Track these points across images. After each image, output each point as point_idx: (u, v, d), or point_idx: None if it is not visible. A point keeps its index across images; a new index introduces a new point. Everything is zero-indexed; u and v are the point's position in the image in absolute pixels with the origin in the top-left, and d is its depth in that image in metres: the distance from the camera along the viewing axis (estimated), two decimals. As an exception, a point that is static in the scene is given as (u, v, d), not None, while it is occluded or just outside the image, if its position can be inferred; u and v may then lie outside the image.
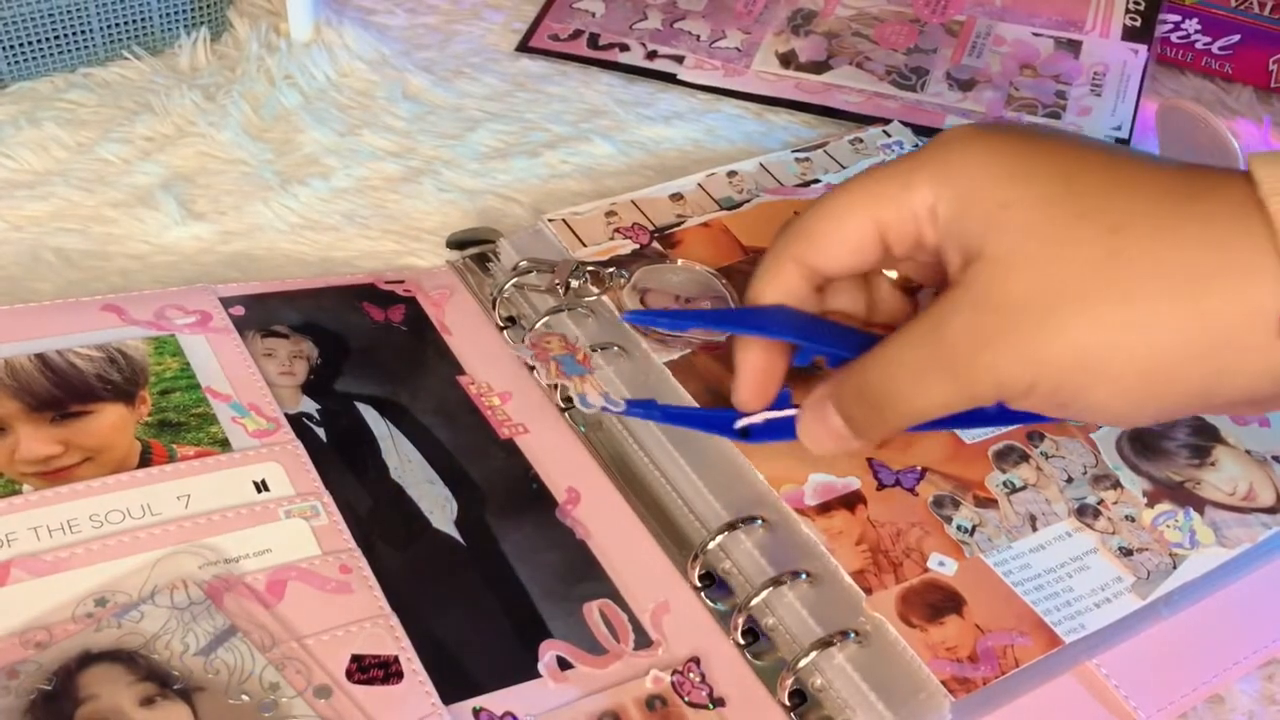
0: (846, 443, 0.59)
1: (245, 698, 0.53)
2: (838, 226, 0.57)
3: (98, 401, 0.66)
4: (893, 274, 0.61)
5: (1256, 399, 0.51)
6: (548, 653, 0.60)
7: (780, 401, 0.62)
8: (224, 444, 0.65)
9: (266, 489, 0.63)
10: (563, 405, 0.73)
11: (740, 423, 0.62)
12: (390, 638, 0.58)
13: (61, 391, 0.65)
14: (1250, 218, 0.49)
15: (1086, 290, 0.50)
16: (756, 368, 0.61)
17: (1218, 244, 0.49)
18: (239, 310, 0.74)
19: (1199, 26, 1.08)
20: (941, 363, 0.53)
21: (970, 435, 0.70)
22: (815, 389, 0.59)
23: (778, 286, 0.59)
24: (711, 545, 0.65)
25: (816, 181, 0.87)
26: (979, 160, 0.54)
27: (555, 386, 0.69)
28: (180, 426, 0.65)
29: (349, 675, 0.56)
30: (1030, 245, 0.52)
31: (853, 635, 0.60)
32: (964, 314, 0.53)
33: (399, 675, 0.57)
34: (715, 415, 0.63)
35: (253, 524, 0.61)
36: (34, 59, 0.95)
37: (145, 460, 0.63)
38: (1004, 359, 0.52)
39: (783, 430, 0.61)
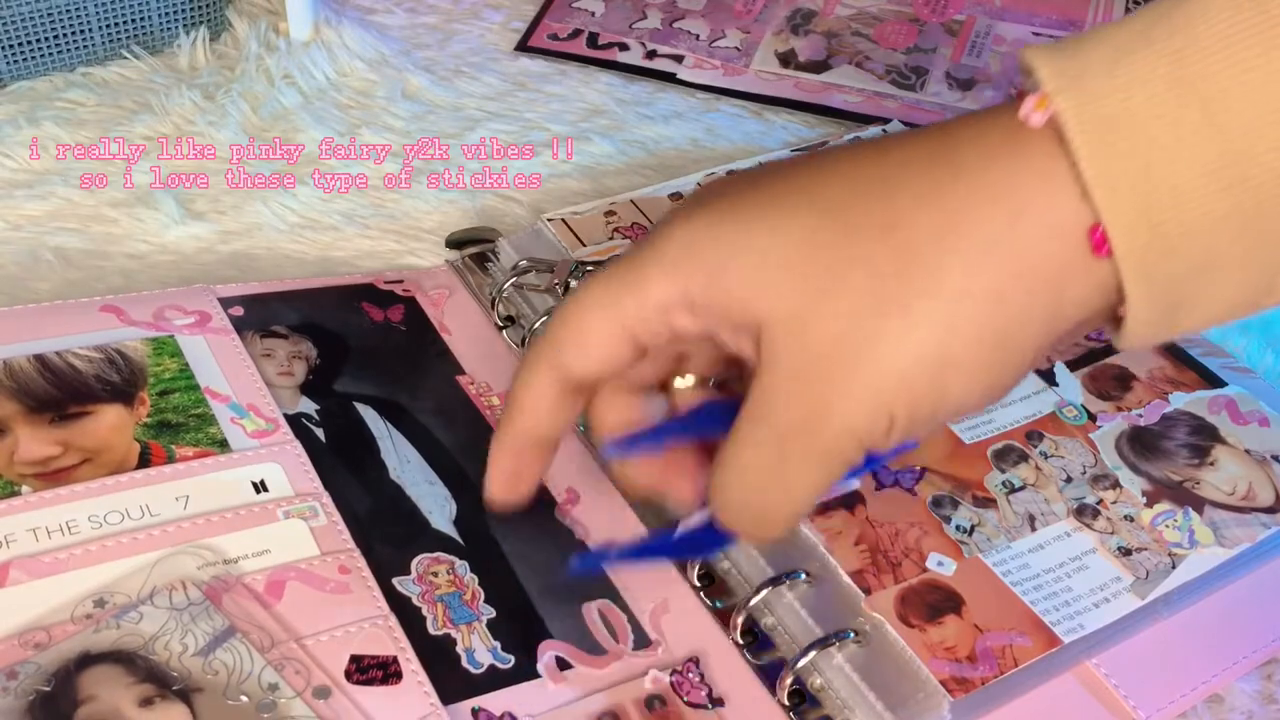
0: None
1: (244, 698, 0.53)
2: (579, 332, 0.53)
3: (97, 402, 0.66)
4: (687, 381, 0.57)
5: (1090, 317, 0.48)
6: (547, 653, 0.60)
7: None
8: (223, 445, 0.65)
9: (265, 489, 0.63)
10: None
11: (681, 528, 0.60)
12: (389, 638, 0.58)
13: (60, 392, 0.65)
14: (1027, 136, 0.46)
15: (890, 301, 0.47)
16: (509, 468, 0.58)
17: (1002, 188, 0.46)
18: (238, 310, 0.74)
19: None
20: (792, 450, 0.49)
21: (969, 435, 0.70)
22: None
23: (535, 393, 0.55)
24: (710, 545, 0.65)
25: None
26: (705, 228, 0.50)
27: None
28: (179, 427, 0.65)
29: (348, 676, 0.56)
30: (810, 286, 0.48)
31: (852, 635, 0.60)
32: (783, 390, 0.49)
33: (398, 676, 0.57)
34: (654, 544, 0.61)
35: (251, 525, 0.61)
36: (33, 58, 0.95)
37: (144, 461, 0.63)
38: (849, 412, 0.48)
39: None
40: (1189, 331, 0.47)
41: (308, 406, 0.70)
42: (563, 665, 0.60)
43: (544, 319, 0.75)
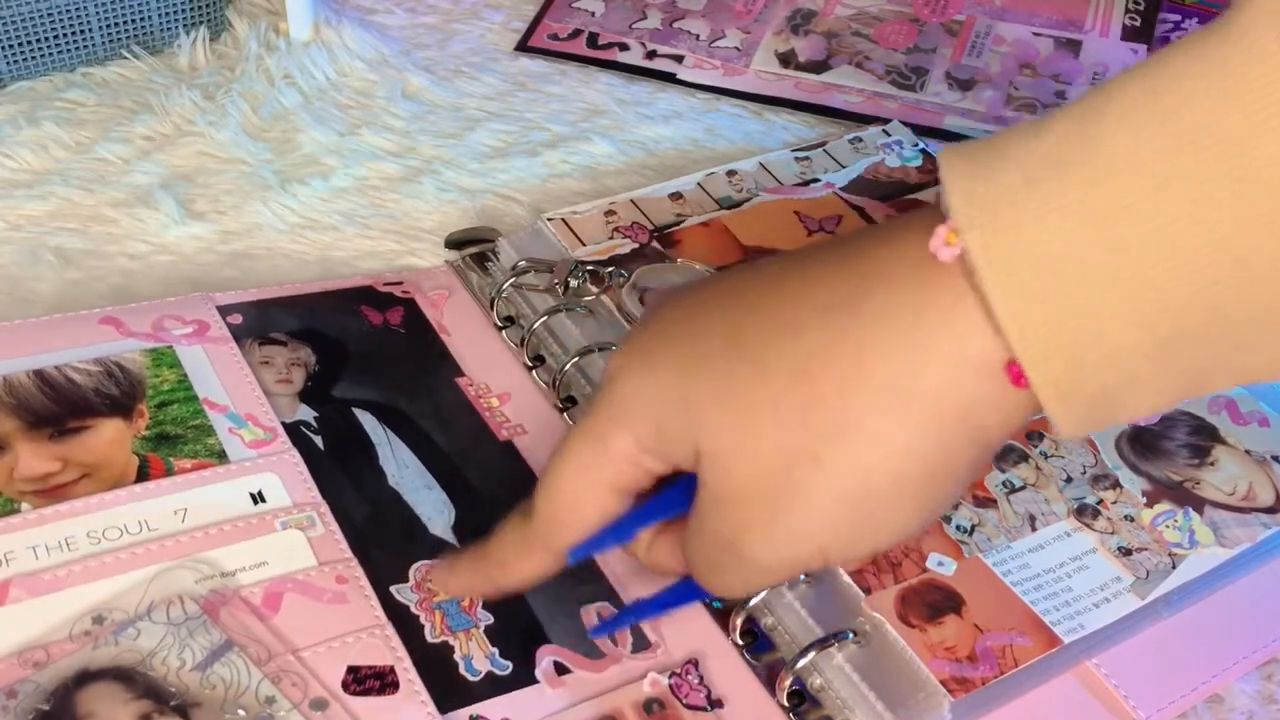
0: None
1: (241, 712, 0.53)
2: (572, 509, 0.55)
3: (96, 416, 0.66)
4: None
5: (1016, 430, 0.49)
6: (545, 658, 0.60)
7: None
8: (221, 455, 0.65)
9: (263, 500, 0.63)
10: (561, 406, 0.73)
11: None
12: (386, 648, 0.58)
13: (59, 407, 0.65)
14: (935, 270, 0.46)
15: (800, 449, 0.48)
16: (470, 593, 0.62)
17: (908, 328, 0.47)
18: (236, 319, 0.74)
19: (1199, 26, 1.08)
20: (720, 560, 0.53)
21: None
22: None
23: (533, 572, 0.58)
24: (710, 548, 0.65)
25: (816, 180, 0.87)
26: (644, 376, 0.53)
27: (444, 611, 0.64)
28: (178, 439, 0.65)
29: (345, 687, 0.56)
30: (730, 428, 0.50)
31: (851, 635, 0.61)
32: (711, 514, 0.52)
33: (395, 685, 0.57)
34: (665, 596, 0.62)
35: (249, 536, 0.61)
36: (33, 58, 0.95)
37: (143, 474, 0.63)
38: (768, 548, 0.51)
39: None
40: (1120, 424, 0.47)
41: (306, 414, 0.70)
42: (561, 670, 0.60)
43: (543, 320, 0.75)
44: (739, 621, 0.62)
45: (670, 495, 0.56)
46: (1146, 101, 0.42)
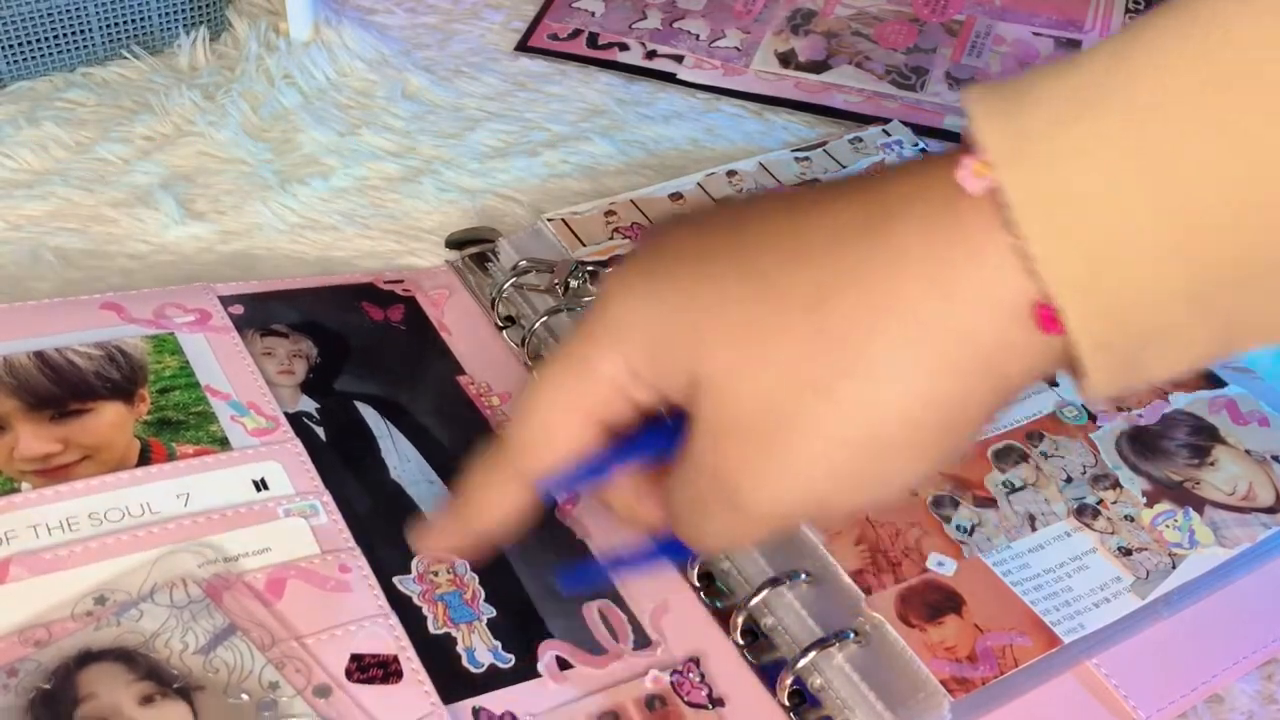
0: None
1: (245, 696, 0.53)
2: (545, 433, 0.53)
3: (97, 399, 0.66)
4: None
5: (1041, 377, 0.47)
6: (547, 653, 0.60)
7: None
8: (223, 442, 0.65)
9: (266, 487, 0.63)
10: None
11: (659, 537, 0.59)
12: (390, 637, 0.58)
13: (61, 389, 0.65)
14: (964, 204, 0.43)
15: (810, 381, 0.45)
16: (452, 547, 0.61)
17: (935, 263, 0.44)
18: (238, 309, 0.74)
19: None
20: (714, 503, 0.50)
21: (970, 435, 0.70)
22: None
23: (505, 505, 0.56)
24: (711, 545, 0.65)
25: (816, 180, 0.87)
26: (643, 296, 0.50)
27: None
28: (179, 425, 0.65)
29: (348, 674, 0.56)
30: (735, 355, 0.47)
31: (852, 635, 0.60)
32: (706, 450, 0.49)
33: (398, 675, 0.57)
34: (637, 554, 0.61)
35: (252, 522, 0.61)
36: (33, 58, 0.95)
37: (144, 458, 0.63)
38: (764, 490, 0.48)
39: None
40: (1152, 382, 0.44)
41: (308, 405, 0.70)
42: (563, 665, 0.60)
43: (543, 320, 0.75)
44: (739, 621, 0.62)
45: (654, 435, 0.53)
46: (1185, 37, 0.39)
